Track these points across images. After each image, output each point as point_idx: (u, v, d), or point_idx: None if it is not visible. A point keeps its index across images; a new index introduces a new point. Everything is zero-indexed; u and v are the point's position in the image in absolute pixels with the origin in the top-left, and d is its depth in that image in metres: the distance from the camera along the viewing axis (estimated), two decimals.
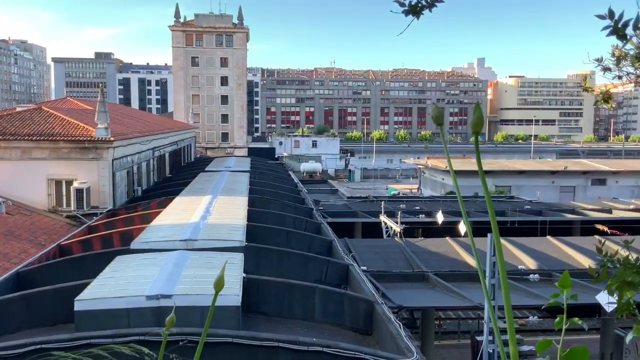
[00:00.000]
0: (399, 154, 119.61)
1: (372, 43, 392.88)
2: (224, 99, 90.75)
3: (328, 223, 29.64)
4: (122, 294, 12.82)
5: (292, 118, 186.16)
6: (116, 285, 13.58)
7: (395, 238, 32.44)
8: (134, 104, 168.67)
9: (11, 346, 11.10)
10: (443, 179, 67.59)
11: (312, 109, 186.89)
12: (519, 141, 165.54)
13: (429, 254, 27.86)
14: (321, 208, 39.71)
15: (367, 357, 11.53)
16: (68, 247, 21.92)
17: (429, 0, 3.34)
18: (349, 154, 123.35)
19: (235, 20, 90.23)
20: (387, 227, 35.66)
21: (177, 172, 47.58)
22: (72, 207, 28.84)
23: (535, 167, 70.34)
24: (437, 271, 24.09)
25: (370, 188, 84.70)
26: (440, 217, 32.61)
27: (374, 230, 36.94)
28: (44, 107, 33.71)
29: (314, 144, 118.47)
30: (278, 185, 41.20)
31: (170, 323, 1.44)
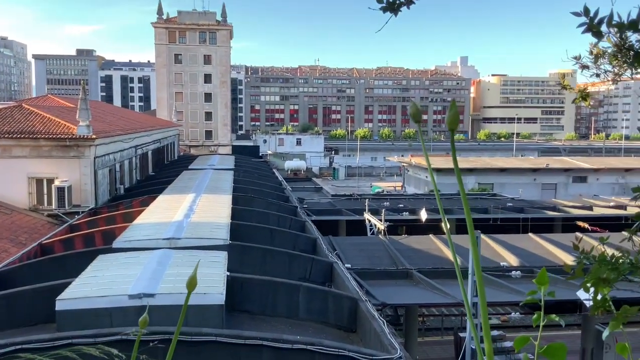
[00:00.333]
0: (383, 152, 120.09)
1: (356, 41, 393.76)
2: (208, 97, 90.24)
3: (312, 221, 29.65)
4: (104, 293, 12.71)
5: (277, 116, 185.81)
6: (98, 285, 13.46)
7: (379, 236, 32.55)
8: (116, 101, 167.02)
9: None
10: (427, 176, 67.93)
11: (296, 107, 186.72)
12: (502, 139, 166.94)
13: (413, 252, 28.00)
14: (305, 206, 39.70)
15: (351, 355, 11.57)
16: (49, 246, 21.67)
17: None
18: (333, 152, 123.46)
19: (219, 18, 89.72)
20: (371, 225, 35.77)
21: (160, 170, 47.24)
22: (54, 206, 28.51)
23: (517, 164, 71.01)
24: (421, 268, 24.22)
25: (354, 186, 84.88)
26: (423, 215, 32.78)
27: (358, 228, 37.02)
28: (24, 105, 33.26)
29: (298, 142, 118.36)
30: (262, 183, 41.11)
31: (144, 323, 1.43)
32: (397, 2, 3.32)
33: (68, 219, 27.29)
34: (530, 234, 32.13)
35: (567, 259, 25.28)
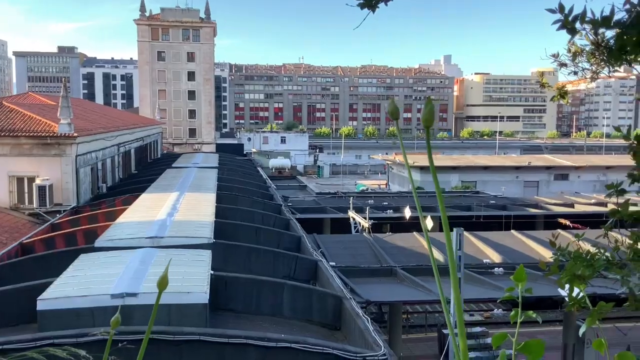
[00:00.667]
0: (367, 150, 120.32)
1: (340, 40, 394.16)
2: (191, 94, 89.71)
3: (297, 219, 29.64)
4: (86, 293, 12.60)
5: (261, 114, 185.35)
6: (80, 284, 13.33)
7: (364, 233, 32.65)
8: (99, 99, 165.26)
9: None
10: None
11: (280, 105, 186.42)
12: (485, 137, 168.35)
13: (397, 249, 28.12)
14: (290, 204, 39.67)
15: (335, 352, 11.60)
16: (30, 245, 21.42)
17: None
18: (317, 150, 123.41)
19: (202, 15, 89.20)
20: (355, 223, 35.86)
21: (143, 169, 46.89)
22: (35, 205, 28.18)
23: (500, 162, 71.58)
24: (405, 265, 24.33)
25: (339, 184, 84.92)
26: (407, 213, 32.93)
27: (342, 226, 37.09)
28: (4, 102, 32.77)
29: (283, 140, 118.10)
30: (246, 181, 41.01)
31: (115, 323, 1.41)
32: None
33: (49, 218, 26.99)
34: (512, 231, 32.44)
35: (548, 255, 25.52)
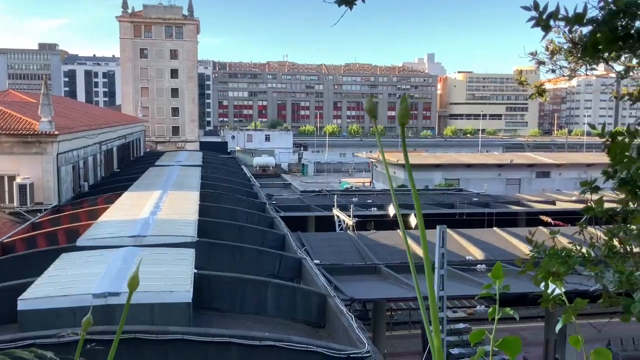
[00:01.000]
0: (351, 148, 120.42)
1: (324, 38, 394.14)
2: (174, 92, 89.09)
3: (281, 217, 29.62)
4: (68, 293, 12.47)
5: (245, 112, 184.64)
6: (61, 284, 13.20)
7: (348, 231, 32.74)
8: (80, 96, 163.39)
9: None
10: (394, 172, 68.51)
11: (265, 103, 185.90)
12: (468, 135, 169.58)
13: (381, 247, 28.24)
14: (274, 202, 39.61)
15: (319, 350, 11.62)
16: (11, 244, 21.13)
17: None
18: (302, 148, 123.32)
19: (186, 12, 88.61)
20: (339, 221, 35.93)
21: (126, 167, 46.50)
22: (15, 204, 27.81)
23: (482, 160, 72.15)
24: (389, 263, 24.45)
25: (323, 182, 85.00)
26: (391, 210, 33.09)
27: (327, 224, 37.15)
28: None
29: (267, 138, 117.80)
30: (231, 179, 40.85)
31: (87, 324, 1.40)
32: None
33: (30, 217, 26.67)
34: (495, 228, 32.74)
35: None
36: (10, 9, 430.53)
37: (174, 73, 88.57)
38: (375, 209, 40.46)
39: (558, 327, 2.22)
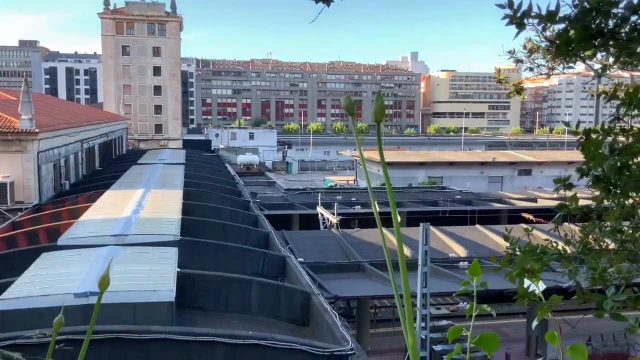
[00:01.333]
0: (335, 146, 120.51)
1: (308, 36, 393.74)
2: (157, 90, 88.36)
3: (265, 215, 29.56)
4: (49, 292, 12.34)
5: (229, 109, 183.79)
6: (42, 283, 13.05)
7: (332, 229, 32.77)
8: (62, 94, 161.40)
9: None
10: (378, 170, 68.69)
11: (248, 101, 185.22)
12: (451, 133, 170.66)
13: (365, 244, 28.31)
14: (258, 200, 39.52)
15: (303, 348, 11.63)
16: None
17: None
18: (286, 146, 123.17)
19: (168, 9, 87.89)
20: (324, 219, 35.96)
21: (108, 165, 46.06)
22: None
23: (465, 158, 72.69)
24: (372, 261, 24.52)
25: (307, 180, 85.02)
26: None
27: (311, 222, 37.15)
28: None
29: (251, 136, 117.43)
30: (214, 178, 40.66)
31: (58, 325, 1.39)
32: None
33: (10, 215, 26.31)
34: (477, 225, 33.00)
35: None
36: None
37: (157, 70, 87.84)
38: (359, 206, 40.56)
39: (534, 324, 2.24)
